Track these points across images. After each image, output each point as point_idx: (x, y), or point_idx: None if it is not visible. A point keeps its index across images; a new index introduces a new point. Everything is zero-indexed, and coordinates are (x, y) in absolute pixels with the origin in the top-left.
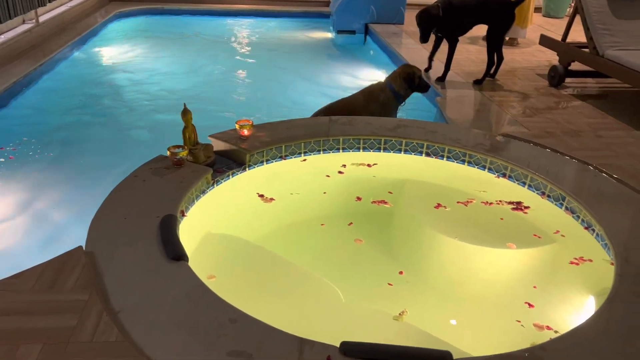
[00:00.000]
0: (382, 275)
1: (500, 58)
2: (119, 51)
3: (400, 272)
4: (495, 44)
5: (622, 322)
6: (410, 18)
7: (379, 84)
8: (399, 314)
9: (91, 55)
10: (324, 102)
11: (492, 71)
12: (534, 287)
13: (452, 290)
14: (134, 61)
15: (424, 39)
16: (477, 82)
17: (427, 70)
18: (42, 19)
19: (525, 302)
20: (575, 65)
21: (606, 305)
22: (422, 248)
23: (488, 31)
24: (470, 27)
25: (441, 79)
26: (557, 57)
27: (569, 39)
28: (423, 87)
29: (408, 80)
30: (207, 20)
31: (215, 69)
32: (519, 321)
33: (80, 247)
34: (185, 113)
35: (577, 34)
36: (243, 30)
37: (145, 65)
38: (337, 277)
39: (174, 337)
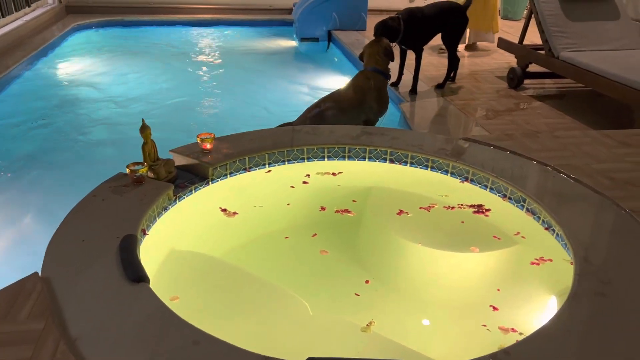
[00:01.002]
0: (348, 286)
1: (457, 60)
2: (78, 65)
3: (367, 281)
4: (454, 48)
5: (582, 322)
6: (372, 24)
7: (361, 74)
8: (367, 325)
9: (49, 70)
10: (289, 111)
11: (451, 75)
12: (498, 289)
13: (419, 296)
14: (94, 75)
15: None
16: (439, 87)
17: (396, 84)
18: None
19: (490, 306)
20: (533, 67)
21: (566, 305)
22: (387, 256)
23: (444, 37)
24: (433, 36)
25: (413, 92)
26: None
27: (527, 41)
28: (392, 56)
29: (388, 53)
30: (169, 31)
31: (177, 80)
32: (485, 325)
33: (36, 272)
34: (144, 129)
35: (535, 35)
36: (205, 40)
37: (105, 79)
38: (304, 290)
39: None
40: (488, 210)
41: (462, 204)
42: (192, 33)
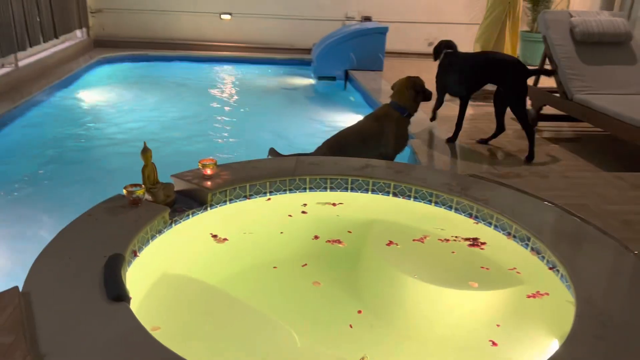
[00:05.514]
0: (339, 317)
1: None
2: (100, 96)
3: (359, 312)
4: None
5: None
6: (389, 65)
7: (382, 108)
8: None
9: (70, 99)
10: (305, 145)
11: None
12: (498, 325)
13: (414, 329)
14: (114, 105)
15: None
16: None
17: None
18: (22, 63)
19: (489, 340)
20: (549, 110)
21: (564, 346)
22: (380, 287)
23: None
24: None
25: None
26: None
27: (543, 85)
28: (427, 96)
29: (417, 91)
30: (192, 67)
31: (196, 112)
32: None
33: (16, 287)
34: (145, 151)
35: (550, 79)
36: (226, 76)
37: (125, 110)
38: (292, 320)
39: None
40: (483, 243)
41: (457, 237)
42: (214, 70)
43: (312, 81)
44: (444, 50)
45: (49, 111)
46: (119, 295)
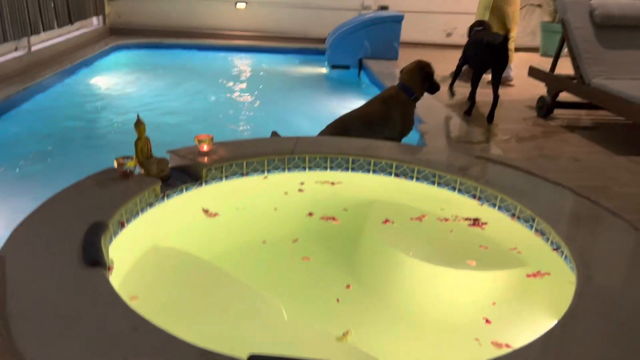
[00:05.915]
0: (328, 292)
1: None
2: (111, 81)
3: (348, 286)
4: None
5: (575, 342)
6: (403, 55)
7: (388, 89)
8: (343, 334)
9: (82, 83)
10: (314, 131)
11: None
12: (493, 303)
13: (405, 307)
14: (126, 91)
15: None
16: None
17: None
18: (36, 47)
19: (483, 318)
20: (566, 97)
21: (559, 324)
22: (373, 264)
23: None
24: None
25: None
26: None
27: (563, 73)
28: (434, 87)
29: (424, 74)
30: (205, 55)
31: (208, 100)
32: (478, 339)
33: None
34: (139, 124)
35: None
36: (240, 65)
37: (137, 95)
38: (280, 294)
39: (60, 344)
40: (485, 223)
41: (457, 216)
42: (227, 58)
43: (325, 70)
44: (475, 28)
45: (59, 94)
46: (95, 260)
